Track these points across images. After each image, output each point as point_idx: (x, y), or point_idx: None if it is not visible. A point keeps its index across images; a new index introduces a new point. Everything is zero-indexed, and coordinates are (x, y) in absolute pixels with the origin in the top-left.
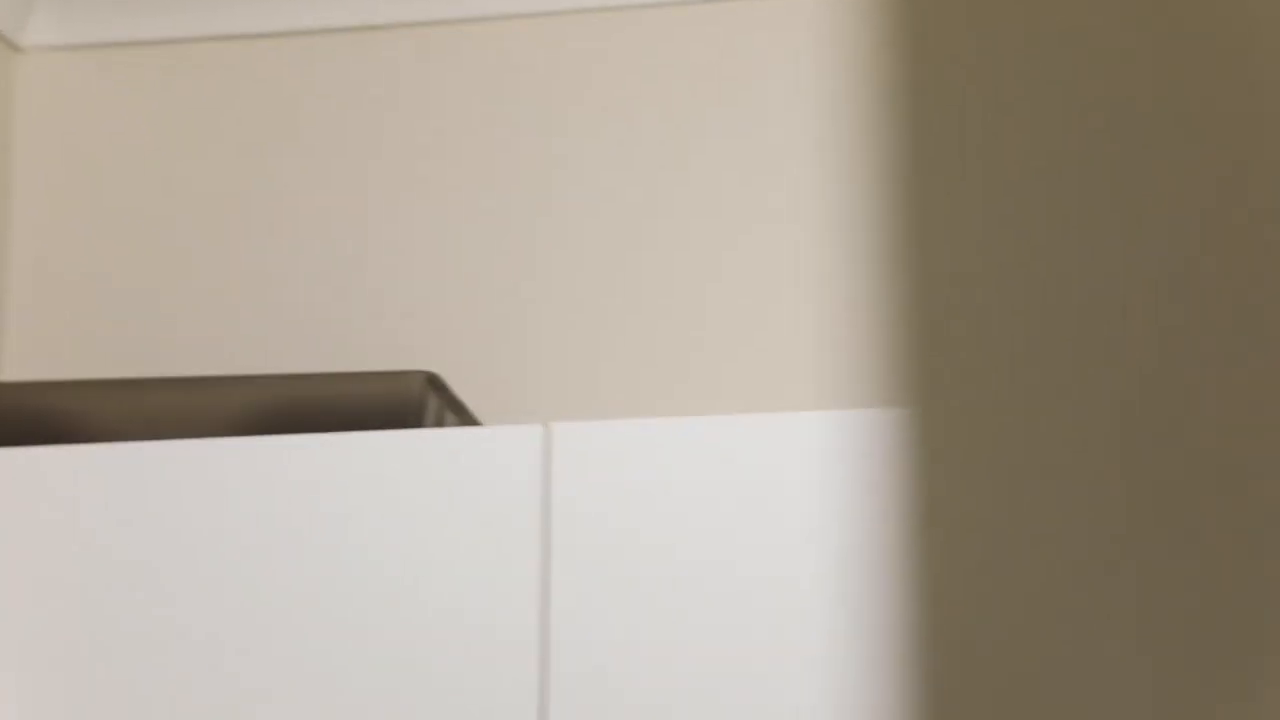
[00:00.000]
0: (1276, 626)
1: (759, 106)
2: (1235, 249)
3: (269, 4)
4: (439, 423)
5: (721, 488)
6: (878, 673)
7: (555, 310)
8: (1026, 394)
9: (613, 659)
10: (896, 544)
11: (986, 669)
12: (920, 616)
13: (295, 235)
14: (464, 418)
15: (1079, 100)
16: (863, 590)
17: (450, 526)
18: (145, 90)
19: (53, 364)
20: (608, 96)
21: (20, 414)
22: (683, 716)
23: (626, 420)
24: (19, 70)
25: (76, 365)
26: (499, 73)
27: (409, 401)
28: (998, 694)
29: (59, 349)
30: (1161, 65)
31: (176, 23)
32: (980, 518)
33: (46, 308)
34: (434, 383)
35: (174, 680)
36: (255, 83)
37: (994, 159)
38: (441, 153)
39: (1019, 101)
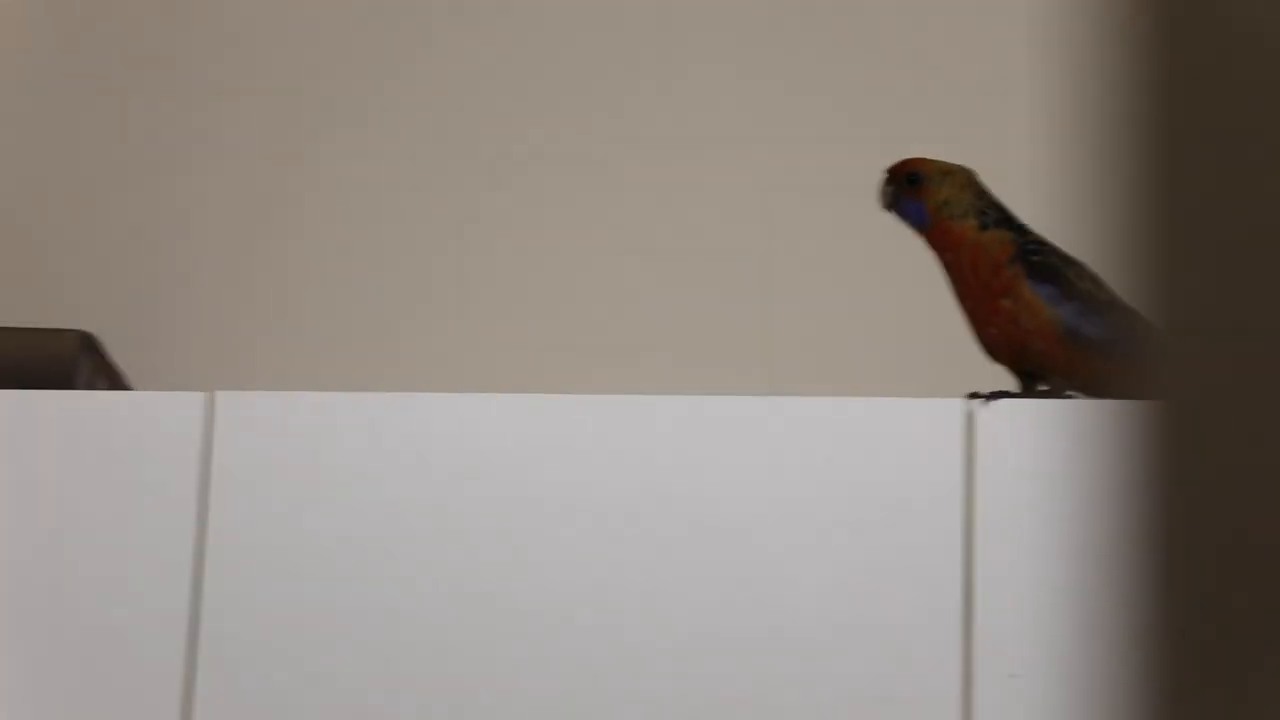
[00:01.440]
0: None
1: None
2: None
3: None
4: (90, 386)
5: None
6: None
7: (222, 276)
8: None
9: (265, 634)
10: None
11: (1223, 677)
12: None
13: None
14: (117, 383)
15: None
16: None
17: (104, 493)
18: None
19: None
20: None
21: None
22: (331, 692)
23: (294, 392)
24: None
25: None
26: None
27: (60, 360)
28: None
29: None
30: None
31: None
32: (1225, 519)
33: None
34: (88, 343)
35: None
36: None
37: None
38: (109, 104)
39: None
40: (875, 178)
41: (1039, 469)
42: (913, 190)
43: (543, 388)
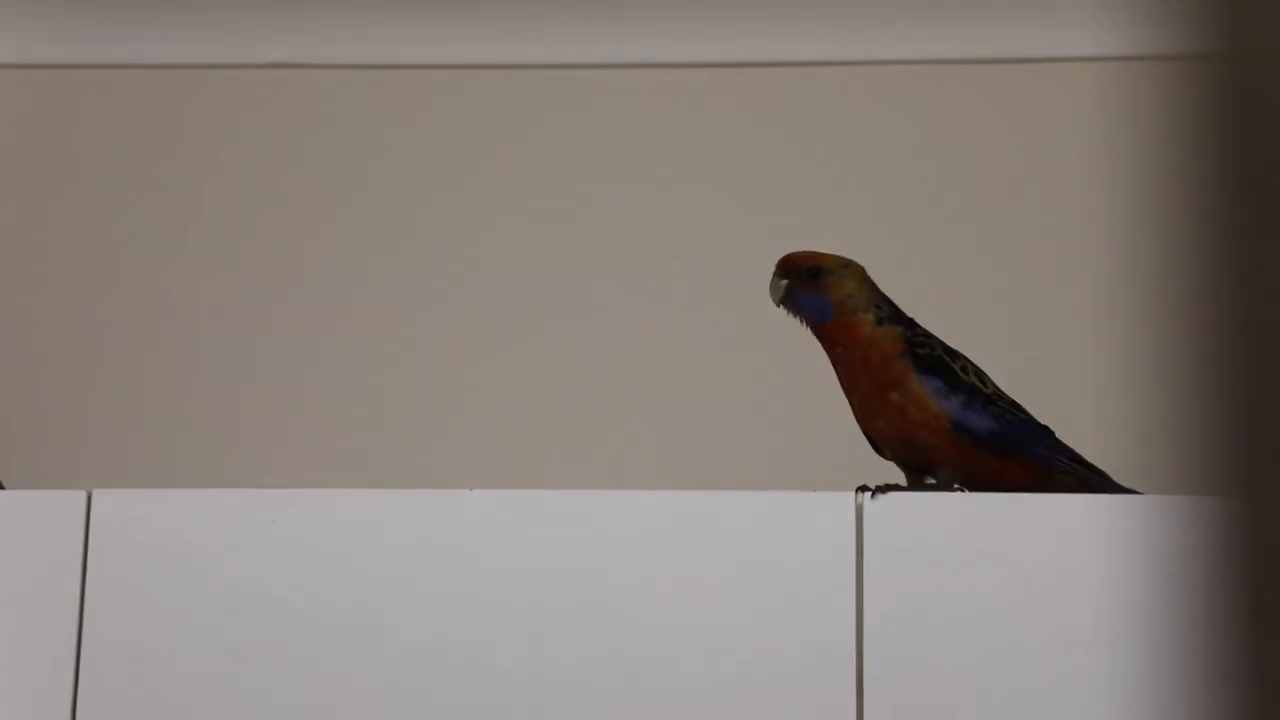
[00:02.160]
0: None
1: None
2: None
3: None
4: None
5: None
6: None
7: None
8: None
9: None
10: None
11: None
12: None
13: None
14: None
15: None
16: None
17: None
18: None
19: None
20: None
21: None
22: None
23: (172, 489)
24: None
25: None
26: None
27: None
28: None
29: None
30: None
31: None
32: None
33: None
34: None
35: None
36: None
37: None
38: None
39: None
40: (760, 271)
41: (928, 561)
42: (813, 284)
43: (426, 483)
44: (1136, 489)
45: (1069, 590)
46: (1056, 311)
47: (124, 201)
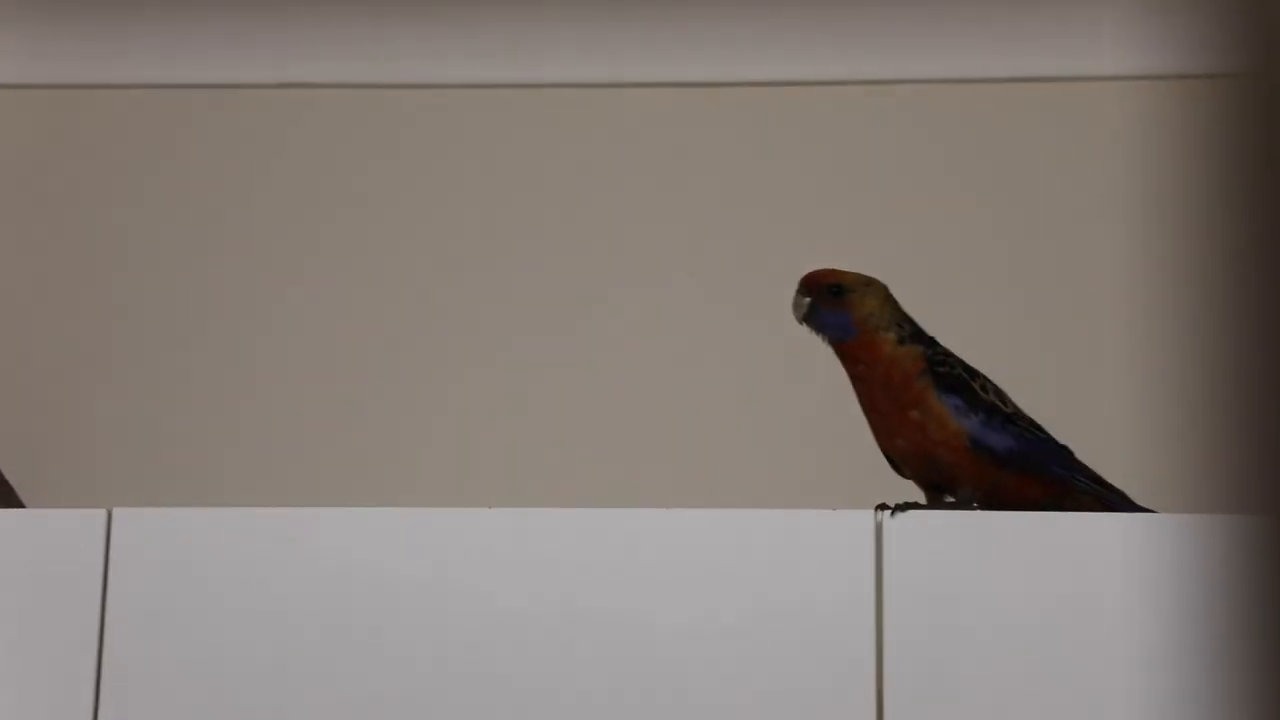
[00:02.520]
0: None
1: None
2: None
3: None
4: None
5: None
6: None
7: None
8: None
9: None
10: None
11: None
12: None
13: None
14: (9, 500)
15: None
16: None
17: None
18: None
19: None
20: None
21: None
22: None
23: (193, 508)
24: None
25: None
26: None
27: None
28: None
29: None
30: None
31: None
32: None
33: None
34: None
35: None
36: None
37: None
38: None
39: None
40: (781, 288)
41: (948, 579)
42: (835, 301)
43: (447, 502)
44: (1153, 508)
45: (1089, 609)
46: (1078, 330)
47: (139, 219)
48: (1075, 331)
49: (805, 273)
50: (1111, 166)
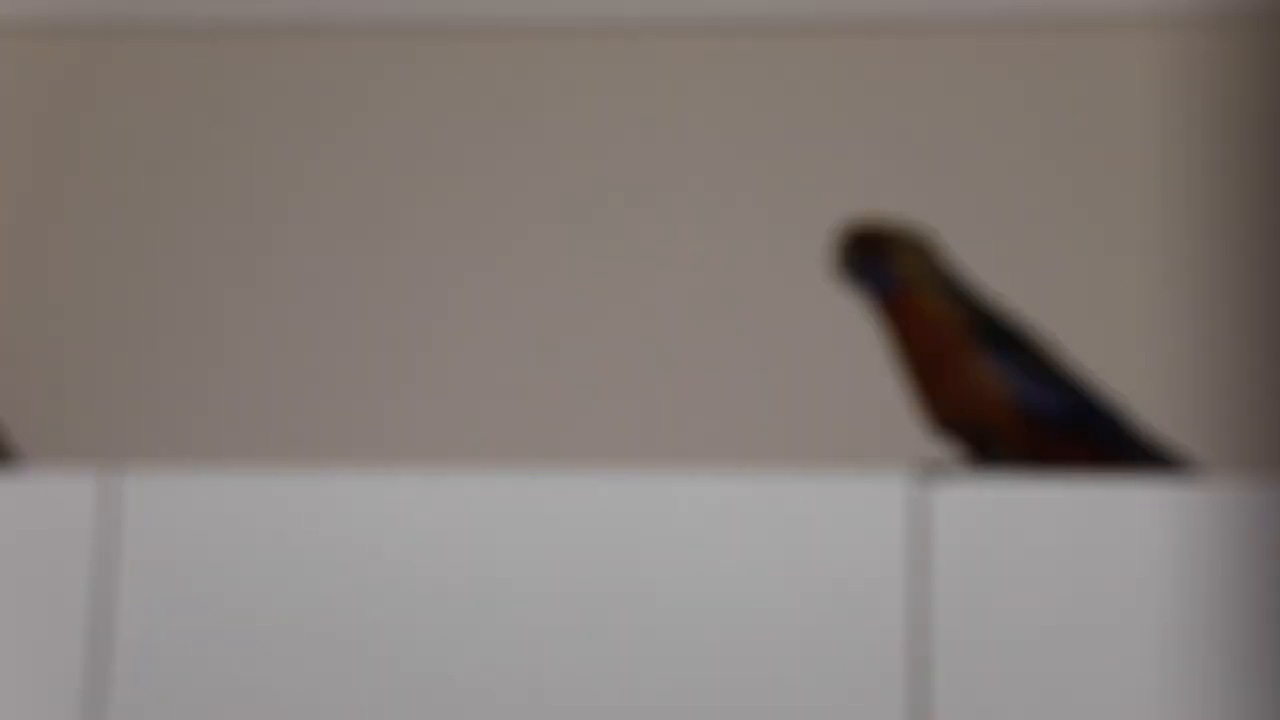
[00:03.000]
0: None
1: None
2: None
3: None
4: None
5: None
6: None
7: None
8: None
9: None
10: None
11: None
12: None
13: None
14: (8, 460)
15: None
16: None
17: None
18: None
19: None
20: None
21: None
22: None
23: (204, 472)
24: None
25: None
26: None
27: None
28: None
29: None
30: None
31: None
32: None
33: None
34: None
35: None
36: None
37: None
38: (10, 176)
39: None
40: (811, 245)
41: (991, 544)
42: (874, 255)
43: (470, 464)
44: (1208, 472)
45: (1137, 577)
46: (1119, 282)
47: (142, 181)
48: (1119, 281)
49: (843, 224)
50: (1152, 110)
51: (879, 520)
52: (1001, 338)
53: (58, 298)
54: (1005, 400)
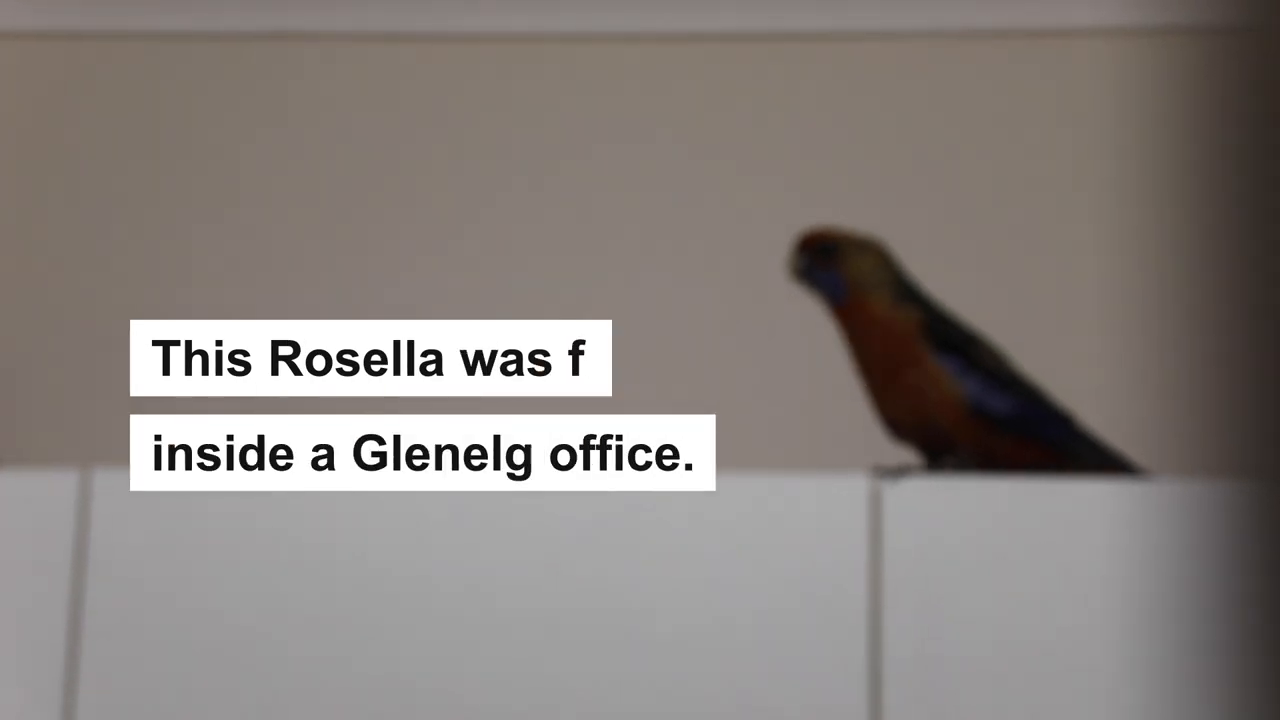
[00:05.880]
0: None
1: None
2: None
3: None
4: None
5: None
6: None
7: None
8: None
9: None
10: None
11: None
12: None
13: None
14: None
15: None
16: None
17: None
18: None
19: None
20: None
21: None
22: None
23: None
24: None
25: None
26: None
27: None
28: None
29: None
30: None
31: None
32: None
33: None
34: None
35: None
36: None
37: None
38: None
39: None
40: (777, 248)
41: (944, 543)
42: (828, 262)
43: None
44: (1154, 473)
45: (1086, 574)
46: (1071, 290)
47: (130, 184)
48: (1068, 290)
49: (801, 232)
50: (1104, 121)
51: (841, 520)
52: (952, 340)
53: (41, 300)
54: (956, 401)
